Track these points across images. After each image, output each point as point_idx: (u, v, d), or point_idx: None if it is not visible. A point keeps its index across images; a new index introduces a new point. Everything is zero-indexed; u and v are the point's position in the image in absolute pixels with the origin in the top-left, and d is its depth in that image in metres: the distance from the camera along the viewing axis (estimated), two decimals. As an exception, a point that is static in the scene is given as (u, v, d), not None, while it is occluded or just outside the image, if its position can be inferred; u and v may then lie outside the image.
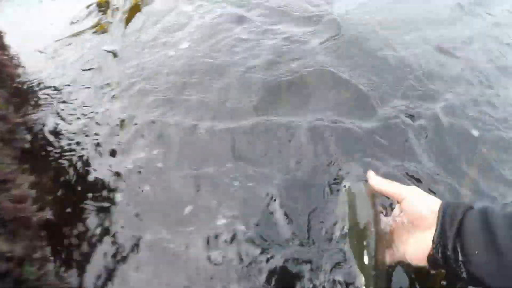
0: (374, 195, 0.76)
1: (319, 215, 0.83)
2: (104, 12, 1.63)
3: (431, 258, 0.60)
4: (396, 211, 0.72)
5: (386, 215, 0.75)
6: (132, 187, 0.91)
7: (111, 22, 1.55)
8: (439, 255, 0.59)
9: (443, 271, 0.68)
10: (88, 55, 1.38)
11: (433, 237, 0.60)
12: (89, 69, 1.30)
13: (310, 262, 0.76)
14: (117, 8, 1.63)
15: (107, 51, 1.38)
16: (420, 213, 0.64)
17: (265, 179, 0.90)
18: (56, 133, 1.08)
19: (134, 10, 1.59)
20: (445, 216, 0.60)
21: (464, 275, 0.56)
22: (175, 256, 0.79)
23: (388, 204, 0.81)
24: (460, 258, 0.56)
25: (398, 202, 0.70)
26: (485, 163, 0.97)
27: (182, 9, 1.55)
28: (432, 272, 0.66)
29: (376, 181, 0.76)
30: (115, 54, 1.36)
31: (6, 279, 0.68)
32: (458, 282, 0.72)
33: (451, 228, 0.58)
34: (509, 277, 0.52)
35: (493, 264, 0.52)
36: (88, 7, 1.71)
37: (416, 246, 0.64)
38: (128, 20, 1.54)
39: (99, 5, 1.68)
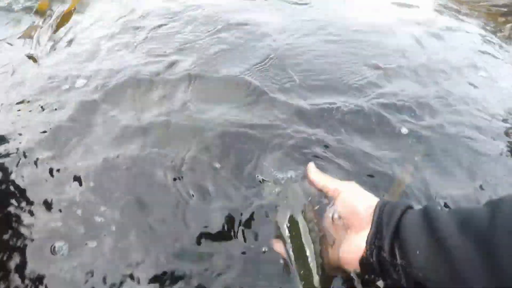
0: (312, 193, 0.69)
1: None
2: (40, 18, 1.68)
3: (364, 261, 0.53)
4: (330, 208, 0.64)
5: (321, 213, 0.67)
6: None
7: (41, 27, 1.59)
8: (373, 258, 0.52)
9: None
10: (6, 59, 1.40)
11: (367, 238, 0.53)
12: (3, 73, 1.33)
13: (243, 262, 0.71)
14: (50, 16, 1.67)
15: (27, 56, 1.41)
16: (355, 210, 0.57)
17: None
18: None
19: (65, 18, 1.63)
20: (381, 215, 0.53)
21: (403, 282, 0.49)
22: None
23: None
24: (399, 261, 0.49)
25: (333, 198, 0.63)
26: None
27: (108, 27, 1.58)
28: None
29: (314, 174, 0.70)
30: (34, 59, 1.39)
31: None
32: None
33: (388, 227, 0.51)
34: (455, 278, 0.44)
35: (438, 264, 0.45)
36: (27, 13, 1.75)
37: (348, 249, 0.56)
38: (57, 27, 1.58)
39: (36, 12, 1.73)
